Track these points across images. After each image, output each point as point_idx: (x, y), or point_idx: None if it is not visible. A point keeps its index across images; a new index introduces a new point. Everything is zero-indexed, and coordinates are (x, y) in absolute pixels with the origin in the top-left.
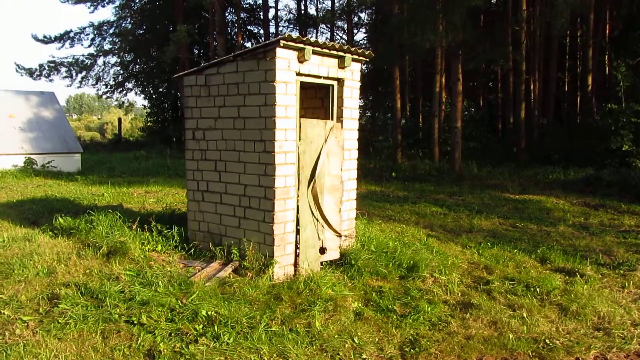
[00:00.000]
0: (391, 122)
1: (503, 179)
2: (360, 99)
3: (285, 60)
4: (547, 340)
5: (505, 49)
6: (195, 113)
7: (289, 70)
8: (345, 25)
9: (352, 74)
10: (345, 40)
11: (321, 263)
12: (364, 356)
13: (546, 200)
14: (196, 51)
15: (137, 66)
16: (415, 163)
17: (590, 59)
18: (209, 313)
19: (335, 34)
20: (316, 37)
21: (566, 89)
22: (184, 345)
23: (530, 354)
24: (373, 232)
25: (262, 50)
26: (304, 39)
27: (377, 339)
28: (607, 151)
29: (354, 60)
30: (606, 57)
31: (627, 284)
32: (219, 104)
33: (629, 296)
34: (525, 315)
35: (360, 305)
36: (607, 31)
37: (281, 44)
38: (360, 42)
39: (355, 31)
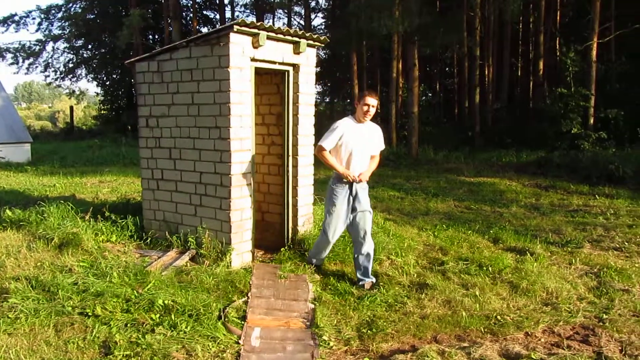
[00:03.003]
0: (350, 108)
1: (459, 162)
2: (319, 85)
3: (239, 45)
4: (498, 317)
5: (460, 34)
6: (149, 100)
7: (243, 56)
8: (303, 11)
9: (308, 59)
10: (302, 25)
11: (280, 249)
12: (324, 338)
13: (500, 182)
14: (151, 37)
15: (89, 52)
16: None
17: (541, 44)
18: (166, 302)
19: (292, 19)
20: (273, 23)
21: (520, 74)
22: (140, 336)
23: (482, 330)
24: None
25: (216, 36)
26: (258, 24)
27: (335, 322)
28: (558, 134)
29: (309, 45)
30: (557, 43)
31: (574, 260)
32: (173, 91)
33: (575, 272)
34: (478, 293)
35: (318, 289)
36: (558, 18)
37: (235, 29)
38: (318, 27)
39: (313, 16)
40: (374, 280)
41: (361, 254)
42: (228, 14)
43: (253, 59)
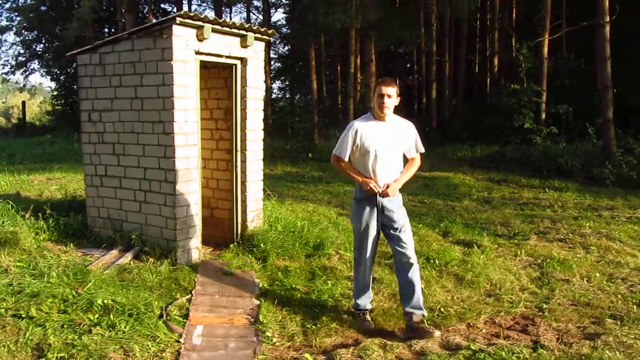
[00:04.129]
0: (310, 102)
1: None
2: (279, 80)
3: (182, 38)
4: (442, 309)
5: (416, 30)
6: (91, 94)
7: (187, 49)
8: (262, 5)
9: (256, 53)
10: (261, 19)
11: (229, 245)
12: (268, 334)
13: (454, 176)
14: (106, 30)
15: (41, 45)
16: (331, 143)
17: (496, 41)
18: (105, 302)
19: (251, 13)
20: (230, 17)
21: (476, 70)
22: (76, 337)
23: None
24: (283, 212)
25: (159, 28)
26: (202, 16)
27: (280, 318)
28: (511, 129)
29: (256, 39)
30: (513, 39)
31: (519, 252)
32: (115, 84)
33: (520, 263)
34: (423, 286)
35: (265, 285)
36: (514, 15)
37: (178, 22)
38: (278, 22)
39: (273, 11)
40: (425, 313)
41: (404, 277)
42: (186, 8)
43: (198, 52)
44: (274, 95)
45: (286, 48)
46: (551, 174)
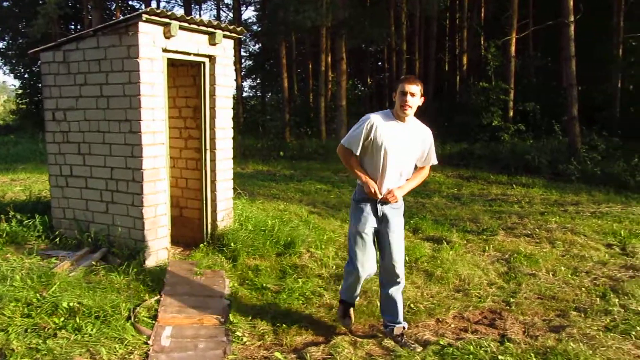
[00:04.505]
0: (281, 101)
1: None
2: (251, 79)
3: (149, 35)
4: (411, 305)
5: (386, 29)
6: (55, 92)
7: (154, 46)
8: (232, 3)
9: (225, 50)
10: (231, 17)
11: (199, 245)
12: (238, 333)
13: None
14: (72, 27)
15: (4, 42)
16: (302, 142)
17: (465, 39)
18: (71, 304)
19: (221, 11)
20: (199, 15)
21: (446, 68)
22: (41, 341)
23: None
24: (253, 211)
25: (124, 25)
26: (169, 13)
27: (250, 317)
28: (480, 127)
29: (225, 36)
30: (481, 38)
31: (487, 247)
32: (80, 82)
33: (488, 259)
34: None
35: (236, 284)
36: (482, 14)
37: (144, 19)
38: (249, 20)
39: (243, 8)
40: (405, 325)
41: (386, 290)
42: (154, 5)
43: (165, 50)
44: (245, 94)
45: (257, 46)
46: (519, 171)
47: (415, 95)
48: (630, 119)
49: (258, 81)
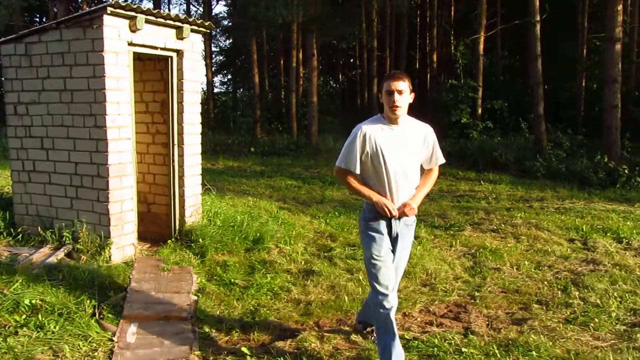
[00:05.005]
0: (252, 97)
1: None
2: (222, 74)
3: (114, 28)
4: None
5: (357, 26)
6: (16, 85)
7: (119, 40)
8: None
9: (193, 45)
10: (201, 12)
11: (166, 241)
12: (205, 329)
13: None
14: (37, 19)
15: None
16: (274, 138)
17: (435, 38)
18: (33, 302)
19: (191, 5)
20: (169, 9)
21: (417, 65)
22: (1, 340)
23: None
24: (222, 207)
25: (88, 18)
26: (135, 6)
27: (218, 312)
28: (449, 124)
29: (193, 31)
30: (451, 36)
31: (454, 242)
32: (43, 76)
33: (455, 253)
34: (361, 277)
35: (203, 280)
36: (452, 12)
37: (109, 12)
38: (220, 14)
39: (214, 3)
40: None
41: (375, 311)
42: None
43: (131, 44)
44: (216, 90)
45: (228, 41)
46: (487, 167)
47: (403, 92)
48: (594, 117)
49: (229, 77)
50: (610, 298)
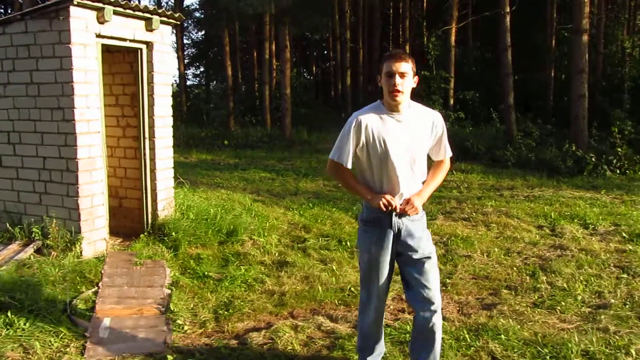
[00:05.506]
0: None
1: (331, 143)
2: (194, 67)
3: (81, 20)
4: (352, 288)
5: (329, 17)
6: None
7: (87, 32)
8: None
9: (163, 37)
10: (172, 3)
11: (139, 235)
12: (179, 322)
13: None
14: (2, 10)
15: None
16: (247, 130)
17: (407, 29)
18: (2, 299)
19: None
20: (138, 0)
21: None
22: None
23: (336, 302)
24: (195, 200)
25: (54, 9)
26: None
27: (192, 305)
28: None
29: (163, 22)
30: (423, 28)
31: None
32: (8, 69)
33: None
34: (335, 267)
35: (177, 273)
36: (424, 3)
37: (75, 2)
38: (191, 6)
39: None
40: None
41: (419, 330)
42: None
43: (99, 35)
44: (189, 82)
45: (200, 33)
46: (459, 157)
47: (406, 75)
48: (563, 107)
49: (202, 69)
50: (576, 282)
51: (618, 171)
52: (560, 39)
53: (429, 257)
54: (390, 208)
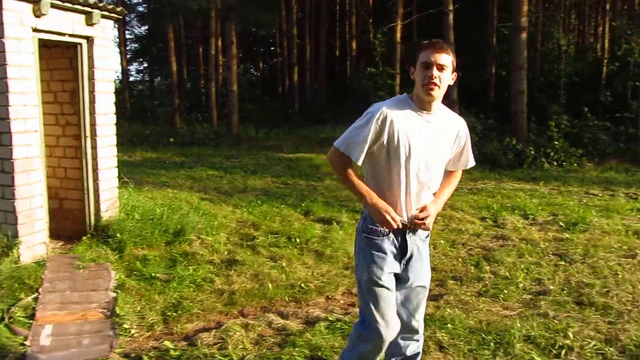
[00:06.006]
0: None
1: (279, 139)
2: (137, 62)
3: (15, 13)
4: (302, 285)
5: (275, 13)
6: None
7: (22, 26)
8: None
9: (104, 31)
10: None
11: (81, 238)
12: (125, 326)
13: (316, 157)
14: None
15: None
16: (193, 127)
17: (354, 26)
18: None
19: None
20: None
21: (337, 53)
22: None
23: (287, 299)
24: (141, 199)
25: None
26: None
27: (139, 308)
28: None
29: (104, 16)
30: (369, 24)
31: None
32: None
33: None
34: (285, 264)
35: (122, 276)
36: (370, 0)
37: None
38: (134, 1)
39: None
40: None
41: (400, 349)
42: None
43: (36, 30)
44: (132, 78)
45: (144, 28)
46: None
47: (445, 68)
48: (503, 102)
49: (145, 65)
50: (517, 270)
51: (555, 163)
52: (501, 36)
53: (424, 287)
54: (390, 226)
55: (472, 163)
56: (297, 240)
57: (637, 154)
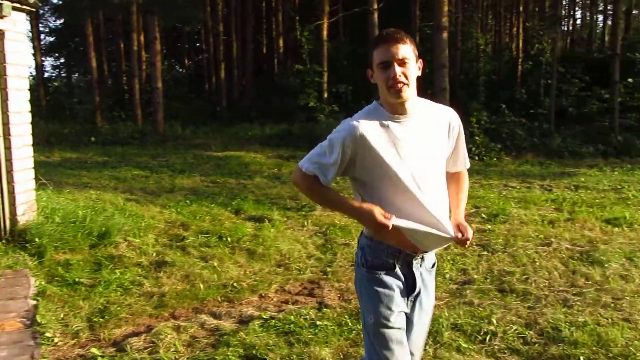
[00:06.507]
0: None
1: (207, 137)
2: (53, 57)
3: None
4: (235, 284)
5: (200, 8)
6: None
7: None
8: None
9: (15, 25)
10: None
11: None
12: (47, 335)
13: (245, 155)
14: None
15: None
16: (116, 126)
17: (280, 23)
18: None
19: None
20: None
21: (264, 50)
22: None
23: (219, 299)
24: (61, 202)
25: None
26: None
27: (62, 315)
28: (297, 108)
29: (15, 9)
30: (296, 22)
31: (306, 223)
32: None
33: (307, 233)
34: (216, 264)
35: (43, 283)
36: None
37: None
38: None
39: None
40: None
41: None
42: None
43: None
44: (47, 74)
45: (59, 21)
46: None
47: (407, 61)
48: (427, 99)
49: (62, 60)
50: (444, 261)
51: (476, 158)
52: (424, 36)
53: (428, 319)
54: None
55: (467, 163)
56: (229, 239)
57: (550, 148)
